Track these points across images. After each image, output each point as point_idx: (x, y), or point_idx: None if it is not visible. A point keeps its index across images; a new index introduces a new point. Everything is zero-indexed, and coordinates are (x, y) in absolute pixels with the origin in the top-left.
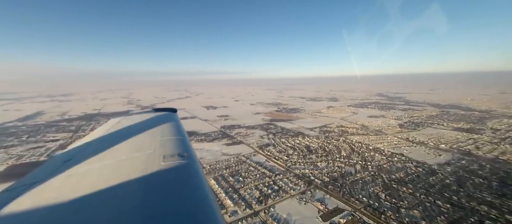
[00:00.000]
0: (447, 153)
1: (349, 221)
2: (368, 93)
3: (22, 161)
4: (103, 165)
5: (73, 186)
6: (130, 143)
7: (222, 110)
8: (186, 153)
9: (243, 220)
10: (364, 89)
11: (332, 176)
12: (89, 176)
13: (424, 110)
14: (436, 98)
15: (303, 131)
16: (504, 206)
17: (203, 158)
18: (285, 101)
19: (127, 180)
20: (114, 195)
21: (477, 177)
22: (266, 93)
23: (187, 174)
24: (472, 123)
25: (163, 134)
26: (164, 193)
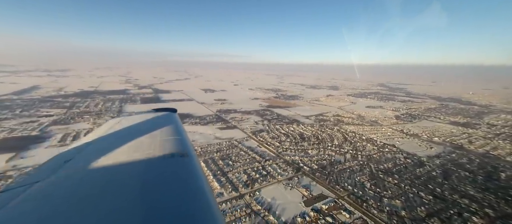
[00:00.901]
0: (439, 146)
1: (330, 207)
2: (369, 83)
3: (14, 135)
4: (103, 165)
5: (73, 186)
6: (130, 143)
7: (220, 94)
8: (186, 153)
9: (228, 202)
10: (366, 79)
11: (321, 164)
12: (89, 176)
13: (423, 103)
14: (438, 91)
15: (298, 118)
16: (485, 200)
17: (196, 141)
18: (285, 88)
19: (127, 180)
20: (115, 195)
21: (464, 171)
22: (266, 79)
23: (187, 174)
24: (470, 117)
25: (163, 134)
26: (164, 192)
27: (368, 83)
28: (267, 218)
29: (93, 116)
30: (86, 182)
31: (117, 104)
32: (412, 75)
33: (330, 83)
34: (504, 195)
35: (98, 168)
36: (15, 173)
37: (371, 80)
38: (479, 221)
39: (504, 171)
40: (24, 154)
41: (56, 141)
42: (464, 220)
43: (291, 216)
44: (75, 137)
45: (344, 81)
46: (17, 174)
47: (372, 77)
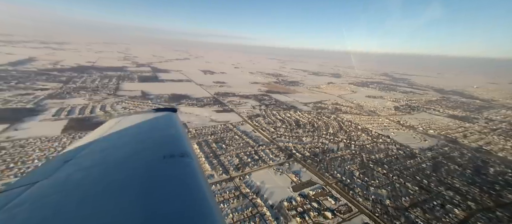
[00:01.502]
0: (433, 139)
1: (317, 193)
2: (373, 72)
3: (8, 106)
4: (103, 165)
5: (73, 186)
6: (130, 143)
7: (219, 76)
8: (186, 153)
9: (217, 184)
10: (370, 67)
11: (314, 152)
12: (89, 176)
13: (425, 94)
14: (442, 83)
15: (296, 105)
16: (470, 193)
17: (191, 122)
18: (286, 73)
19: (127, 180)
20: (115, 195)
21: (454, 164)
22: (268, 63)
23: (187, 174)
24: (469, 111)
25: (163, 134)
26: (164, 192)
27: (372, 72)
28: (254, 200)
29: (89, 92)
30: (86, 182)
31: (114, 81)
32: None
33: (333, 70)
34: (489, 189)
35: (98, 168)
36: (9, 144)
37: (375, 69)
38: (460, 213)
39: (494, 166)
40: (18, 126)
41: (51, 115)
42: (446, 211)
43: (278, 200)
44: (70, 111)
45: (347, 69)
46: (10, 144)
47: (377, 66)
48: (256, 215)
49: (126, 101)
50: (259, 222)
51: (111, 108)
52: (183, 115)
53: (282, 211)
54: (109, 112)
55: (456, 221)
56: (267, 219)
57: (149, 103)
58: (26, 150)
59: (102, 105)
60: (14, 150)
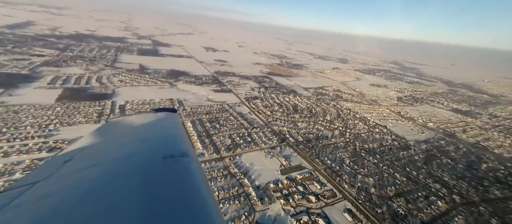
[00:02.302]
0: (431, 132)
1: (304, 178)
2: (383, 59)
3: (3, 71)
4: (103, 166)
5: (73, 186)
6: (130, 143)
7: (221, 54)
8: (186, 153)
9: (207, 162)
10: (381, 54)
11: (307, 137)
12: (90, 176)
13: (432, 86)
14: (452, 75)
15: (297, 89)
16: (457, 187)
17: (187, 100)
18: (291, 55)
19: (127, 180)
20: (115, 195)
21: (447, 158)
22: (274, 43)
23: (187, 174)
24: (474, 106)
25: (163, 135)
26: (165, 193)
27: (382, 59)
28: (242, 180)
29: (86, 62)
30: (86, 182)
31: (113, 52)
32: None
33: (340, 55)
34: (477, 185)
35: (98, 168)
36: (3, 109)
37: (386, 56)
38: (443, 205)
39: (487, 162)
40: (13, 91)
41: (46, 83)
42: (429, 203)
43: (265, 182)
44: (65, 81)
45: (356, 55)
46: (4, 109)
47: (388, 53)
48: (242, 194)
49: (123, 74)
50: (244, 201)
51: (107, 80)
52: (180, 93)
53: (267, 193)
54: (105, 84)
55: (437, 213)
56: (252, 199)
57: (146, 78)
58: (20, 116)
59: (99, 76)
60: (8, 115)
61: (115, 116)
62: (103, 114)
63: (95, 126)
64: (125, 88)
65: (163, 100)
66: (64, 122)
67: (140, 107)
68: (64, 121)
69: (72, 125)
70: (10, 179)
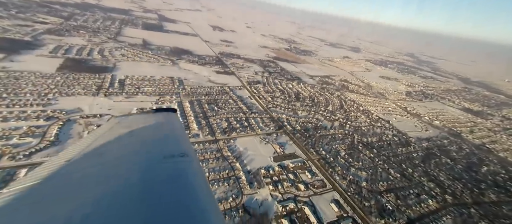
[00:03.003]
0: (436, 130)
1: (296, 166)
2: (398, 50)
3: (6, 36)
4: (103, 165)
5: (73, 185)
6: (130, 143)
7: (228, 35)
8: (186, 153)
9: (201, 143)
10: (397, 45)
11: (305, 127)
12: (89, 176)
13: (446, 82)
14: (470, 72)
15: (302, 76)
16: (451, 188)
17: (187, 80)
18: (301, 40)
19: (127, 180)
20: (115, 195)
21: (447, 158)
22: (285, 26)
23: (187, 174)
24: (488, 106)
25: (163, 134)
26: (164, 192)
27: (397, 50)
28: (233, 164)
29: (90, 33)
30: (86, 182)
31: (117, 25)
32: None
33: (353, 43)
34: (473, 187)
35: (98, 168)
36: (4, 74)
37: (402, 47)
38: (433, 204)
39: (488, 165)
40: (14, 57)
41: (48, 51)
42: (419, 200)
43: (256, 167)
44: (67, 50)
45: (370, 44)
46: (5, 75)
47: (406, 44)
48: (232, 177)
49: (125, 48)
50: (233, 184)
51: (109, 53)
52: (181, 71)
53: (257, 178)
54: (106, 57)
55: (426, 211)
56: (241, 183)
57: (149, 53)
58: (20, 83)
59: (101, 48)
60: (8, 81)
61: (113, 90)
62: (102, 88)
63: (93, 99)
64: (126, 63)
65: (163, 78)
66: (63, 92)
67: (140, 83)
68: (63, 91)
69: (71, 96)
70: (7, 143)
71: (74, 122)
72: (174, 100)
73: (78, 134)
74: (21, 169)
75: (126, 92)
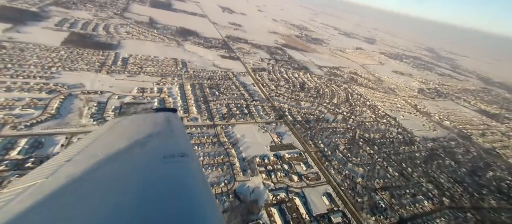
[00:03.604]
0: (445, 130)
1: (292, 157)
2: (417, 44)
3: (13, 5)
4: (103, 165)
5: (73, 185)
6: (130, 143)
7: (237, 17)
8: (186, 153)
9: (198, 127)
10: (417, 38)
11: (307, 118)
12: (89, 176)
13: (464, 81)
14: (492, 72)
15: (310, 66)
16: (450, 190)
17: (191, 63)
18: (313, 28)
19: (127, 180)
20: (115, 195)
21: (451, 160)
22: (298, 12)
23: (187, 174)
24: (506, 109)
25: (163, 134)
26: (164, 192)
27: (416, 44)
28: (229, 150)
29: (96, 7)
30: (86, 182)
31: (124, 0)
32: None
33: (369, 33)
34: (474, 192)
35: (98, 168)
36: (10, 45)
37: (422, 41)
38: (429, 205)
39: (495, 171)
40: (21, 28)
41: (53, 24)
42: (414, 201)
43: (251, 155)
44: (73, 24)
45: (386, 35)
46: (11, 45)
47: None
48: (226, 163)
49: (131, 26)
50: (226, 169)
51: (114, 30)
52: (185, 53)
53: (251, 166)
54: (111, 34)
55: (419, 211)
56: (235, 169)
57: (155, 33)
58: (25, 55)
59: (106, 24)
60: (14, 51)
61: (116, 67)
62: (105, 65)
63: (96, 76)
64: (131, 41)
65: (167, 59)
66: (66, 67)
67: (143, 63)
68: (66, 65)
69: (74, 71)
70: (9, 113)
71: (75, 97)
72: (176, 82)
73: (79, 109)
74: (22, 138)
75: (129, 71)
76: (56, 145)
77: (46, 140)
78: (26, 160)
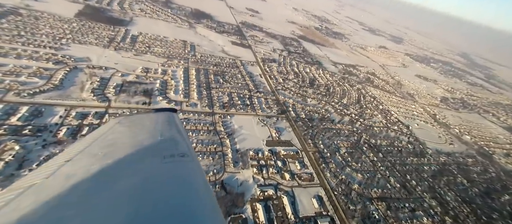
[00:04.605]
0: (463, 145)
1: (288, 155)
2: (450, 47)
3: None
4: (103, 165)
5: (73, 186)
6: (130, 143)
7: (256, 3)
8: (186, 153)
9: (196, 113)
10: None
11: (311, 116)
12: (89, 176)
13: (497, 94)
14: None
15: (324, 61)
16: (456, 210)
17: (200, 46)
18: (336, 21)
19: (127, 180)
20: (115, 195)
21: (463, 178)
22: (322, 2)
23: (187, 174)
24: None
25: (163, 134)
26: (164, 192)
27: (449, 47)
28: (223, 140)
29: None
30: (86, 182)
31: None
32: None
33: (397, 32)
34: (483, 214)
35: (98, 168)
36: (26, 12)
37: (457, 45)
38: (428, 223)
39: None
40: None
41: None
42: (412, 216)
43: (245, 148)
44: None
45: (416, 35)
46: (27, 13)
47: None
48: (218, 153)
49: (146, 3)
50: (218, 159)
51: (128, 6)
52: (196, 36)
53: (244, 158)
54: (125, 10)
55: None
56: (226, 160)
57: (168, 12)
58: (38, 23)
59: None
60: (29, 19)
61: (124, 44)
62: (114, 41)
63: (103, 51)
64: (143, 19)
65: (176, 40)
66: (76, 39)
67: (151, 42)
68: (76, 38)
69: (83, 44)
70: (16, 80)
71: (80, 70)
72: (181, 65)
73: (81, 83)
74: (23, 106)
75: (136, 49)
76: (54, 116)
77: (46, 110)
78: (24, 127)
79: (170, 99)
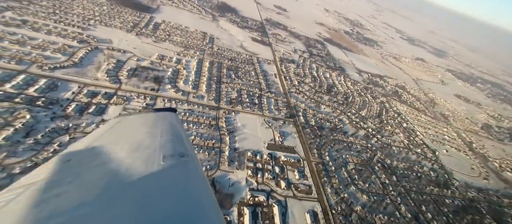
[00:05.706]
0: (501, 183)
1: (288, 162)
2: (505, 67)
3: None
4: (103, 165)
5: (74, 185)
6: (130, 143)
7: (286, 1)
8: (186, 153)
9: (201, 106)
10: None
11: (321, 125)
12: (90, 176)
13: None
14: None
15: (347, 68)
16: None
17: (219, 40)
18: (369, 26)
19: (127, 180)
20: (115, 195)
21: (493, 220)
22: (359, 5)
23: (186, 174)
24: None
25: (163, 134)
26: (164, 192)
27: (503, 66)
28: (223, 137)
29: None
30: (87, 182)
31: None
32: None
33: (442, 44)
34: None
35: (98, 168)
36: None
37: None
38: None
39: None
40: None
41: None
42: None
43: (244, 147)
44: None
45: (466, 50)
46: None
47: None
48: (215, 149)
49: None
50: (213, 155)
51: None
52: (217, 29)
53: (241, 158)
54: None
55: None
56: (222, 157)
57: (195, 3)
58: (73, 4)
59: None
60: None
61: (146, 31)
62: (137, 26)
63: (125, 35)
64: (170, 8)
65: (196, 31)
66: (103, 22)
67: (172, 31)
68: (103, 20)
69: (108, 27)
70: (41, 53)
71: (100, 51)
72: (196, 56)
73: (99, 62)
74: (42, 78)
75: (156, 36)
76: (68, 91)
77: (61, 84)
78: (39, 98)
79: (178, 88)
